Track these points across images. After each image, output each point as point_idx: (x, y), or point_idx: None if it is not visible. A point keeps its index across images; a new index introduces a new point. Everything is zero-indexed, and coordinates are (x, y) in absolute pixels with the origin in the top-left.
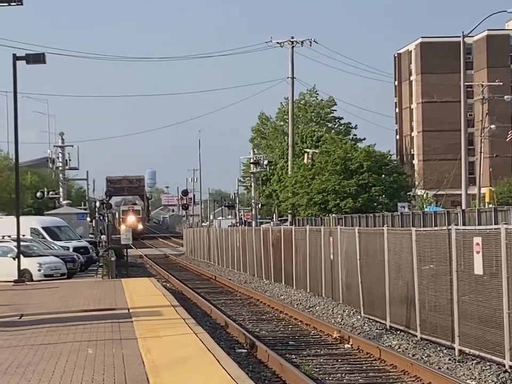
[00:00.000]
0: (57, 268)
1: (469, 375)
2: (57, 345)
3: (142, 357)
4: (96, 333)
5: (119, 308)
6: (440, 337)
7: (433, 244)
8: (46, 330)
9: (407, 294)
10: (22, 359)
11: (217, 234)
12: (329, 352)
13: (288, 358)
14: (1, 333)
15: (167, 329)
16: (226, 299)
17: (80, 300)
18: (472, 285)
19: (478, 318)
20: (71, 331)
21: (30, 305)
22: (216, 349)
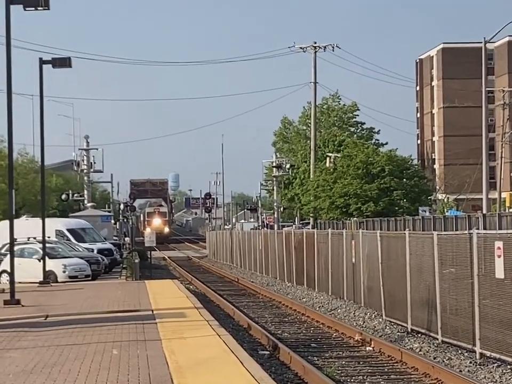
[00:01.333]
0: (82, 270)
1: (490, 378)
2: (82, 346)
3: (166, 358)
4: (120, 334)
5: (143, 309)
6: (461, 340)
7: (455, 248)
8: (71, 331)
9: (428, 297)
10: (47, 359)
11: (239, 237)
12: (351, 354)
13: (311, 360)
14: (27, 334)
15: (191, 331)
16: (248, 301)
17: (104, 301)
18: (493, 288)
19: (499, 322)
20: (96, 332)
21: (55, 306)
22: (239, 350)
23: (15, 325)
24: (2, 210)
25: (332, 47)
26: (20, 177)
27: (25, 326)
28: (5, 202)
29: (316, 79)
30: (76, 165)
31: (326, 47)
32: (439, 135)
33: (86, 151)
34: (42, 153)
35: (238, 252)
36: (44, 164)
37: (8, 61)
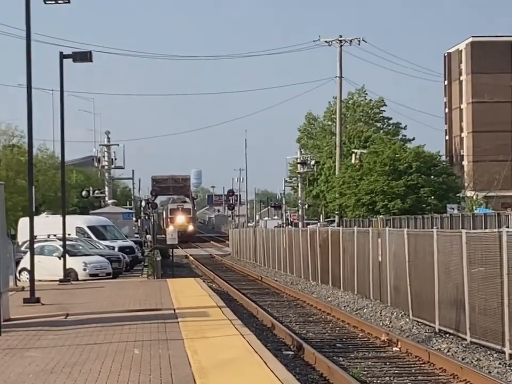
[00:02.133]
0: (103, 268)
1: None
2: (103, 345)
3: (189, 358)
4: (142, 333)
5: (165, 308)
6: (490, 341)
7: (484, 247)
8: (91, 330)
9: (457, 297)
10: (68, 358)
11: (263, 235)
12: (377, 355)
13: (336, 360)
14: (47, 333)
15: (214, 330)
16: (272, 300)
17: (125, 300)
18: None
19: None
20: (117, 331)
21: (76, 305)
22: (263, 350)
23: (35, 324)
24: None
25: (358, 40)
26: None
27: (45, 324)
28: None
29: (342, 73)
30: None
31: (352, 41)
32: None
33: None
34: (63, 149)
35: (262, 250)
36: (64, 160)
37: (28, 55)
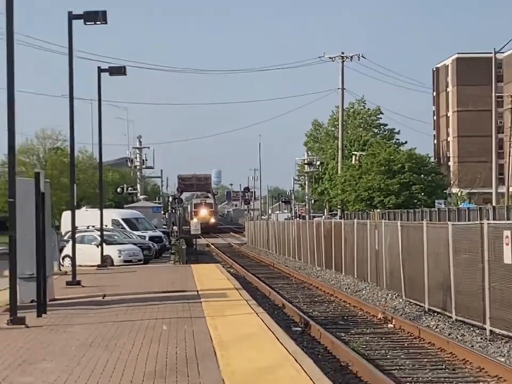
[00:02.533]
0: (135, 255)
1: (499, 352)
2: (135, 322)
3: (210, 333)
4: (169, 311)
5: (189, 290)
6: (473, 319)
7: (468, 237)
8: (125, 309)
9: (444, 281)
10: (105, 334)
11: (275, 226)
12: (374, 331)
13: (338, 335)
14: (87, 311)
15: (232, 309)
16: (283, 283)
17: (155, 283)
18: (501, 273)
19: (507, 303)
20: (148, 310)
21: (112, 287)
22: (275, 327)
23: (76, 304)
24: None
25: (358, 57)
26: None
27: (85, 304)
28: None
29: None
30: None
31: (353, 57)
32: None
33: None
34: (100, 151)
35: (274, 239)
36: (102, 160)
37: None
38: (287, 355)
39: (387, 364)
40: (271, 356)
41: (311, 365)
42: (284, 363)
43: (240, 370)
